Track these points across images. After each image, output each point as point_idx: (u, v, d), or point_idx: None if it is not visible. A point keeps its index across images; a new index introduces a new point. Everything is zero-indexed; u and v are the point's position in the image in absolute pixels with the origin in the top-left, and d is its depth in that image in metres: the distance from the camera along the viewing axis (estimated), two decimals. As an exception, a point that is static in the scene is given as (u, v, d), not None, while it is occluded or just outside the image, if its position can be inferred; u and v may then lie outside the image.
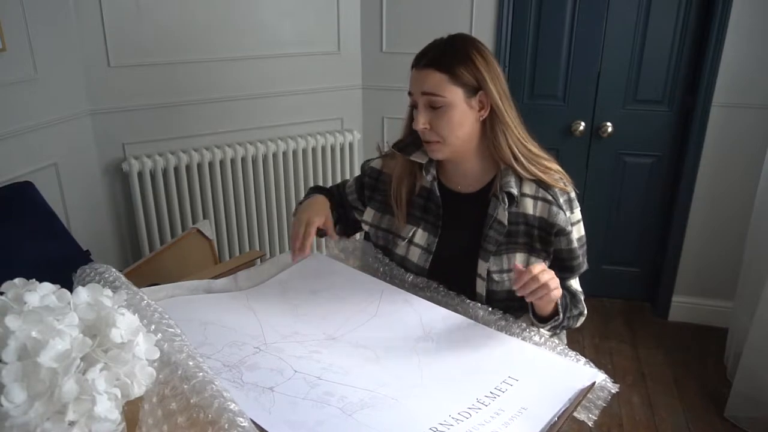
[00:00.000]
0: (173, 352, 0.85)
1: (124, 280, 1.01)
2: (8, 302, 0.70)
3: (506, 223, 1.18)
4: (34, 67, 1.88)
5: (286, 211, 2.59)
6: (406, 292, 1.20)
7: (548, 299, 1.07)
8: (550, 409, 0.90)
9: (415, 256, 1.26)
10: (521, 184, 1.19)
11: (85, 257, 1.77)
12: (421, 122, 1.16)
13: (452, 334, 1.07)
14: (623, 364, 2.45)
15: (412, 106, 1.21)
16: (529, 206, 1.19)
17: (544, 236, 1.19)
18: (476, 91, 1.15)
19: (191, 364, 0.83)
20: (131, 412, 0.76)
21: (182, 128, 2.33)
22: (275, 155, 2.49)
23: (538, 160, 1.20)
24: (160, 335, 0.85)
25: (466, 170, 1.25)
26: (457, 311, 1.14)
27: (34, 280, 0.74)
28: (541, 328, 1.16)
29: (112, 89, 2.14)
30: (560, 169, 1.24)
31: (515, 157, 1.18)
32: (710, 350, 2.54)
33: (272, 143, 2.47)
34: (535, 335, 1.08)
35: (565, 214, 1.18)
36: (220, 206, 2.41)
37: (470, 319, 1.12)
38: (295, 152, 2.53)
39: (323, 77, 2.62)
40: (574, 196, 1.22)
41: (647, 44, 2.47)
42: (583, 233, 1.24)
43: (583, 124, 2.61)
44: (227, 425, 0.74)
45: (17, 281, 0.73)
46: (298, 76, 2.54)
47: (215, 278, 1.26)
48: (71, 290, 0.75)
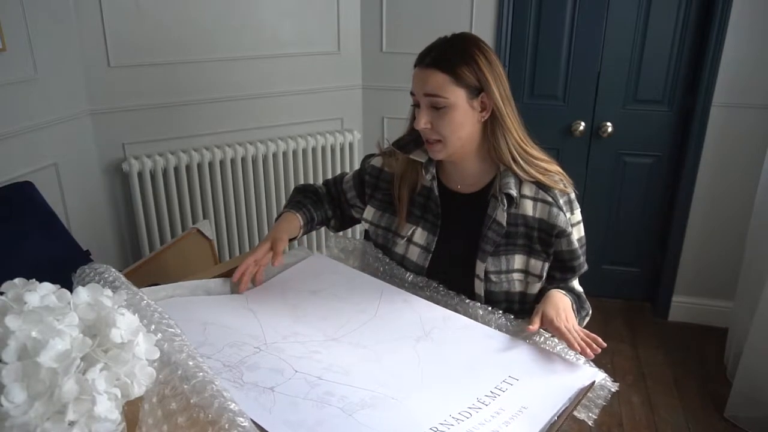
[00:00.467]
0: (173, 352, 0.85)
1: (124, 280, 1.00)
2: (8, 302, 0.69)
3: (505, 224, 1.17)
4: (34, 67, 1.88)
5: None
6: (406, 292, 1.20)
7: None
8: (550, 408, 0.90)
9: (414, 255, 1.26)
10: (521, 185, 1.19)
11: (85, 257, 1.77)
12: (422, 122, 1.16)
13: (452, 333, 1.08)
14: (623, 364, 2.45)
15: (413, 104, 1.21)
16: (528, 208, 1.19)
17: (544, 238, 1.19)
18: (478, 92, 1.15)
19: (191, 364, 0.82)
20: (131, 412, 0.76)
21: (182, 128, 2.33)
22: (275, 155, 2.49)
23: (537, 163, 1.20)
24: (160, 335, 0.85)
25: (465, 171, 1.24)
26: (456, 311, 1.14)
27: (34, 280, 0.74)
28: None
29: (112, 89, 2.14)
30: (560, 170, 1.23)
31: (514, 159, 1.18)
32: (710, 350, 2.54)
33: (272, 143, 2.47)
34: (535, 335, 1.08)
35: (565, 215, 1.18)
36: (220, 206, 2.42)
37: (473, 316, 1.12)
38: (295, 152, 2.53)
39: (323, 77, 2.62)
40: (574, 197, 1.22)
41: (647, 44, 2.47)
42: (583, 234, 1.24)
43: (583, 124, 2.61)
44: (227, 425, 0.74)
45: (17, 281, 0.73)
46: (298, 76, 2.54)
47: (215, 278, 1.26)
48: (71, 290, 0.75)
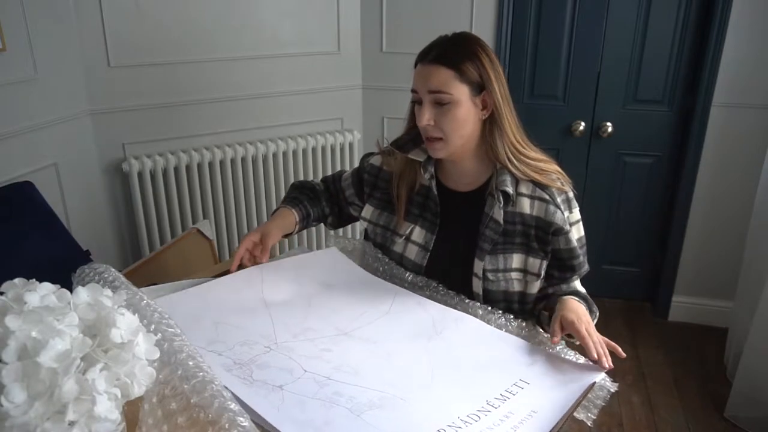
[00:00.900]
0: (173, 352, 0.85)
1: (123, 280, 1.01)
2: (8, 302, 0.69)
3: (502, 222, 1.18)
4: (34, 67, 1.88)
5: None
6: (419, 296, 1.20)
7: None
8: (558, 412, 0.90)
9: (412, 253, 1.27)
10: (518, 184, 1.19)
11: (85, 257, 1.77)
12: (425, 118, 1.15)
13: (463, 336, 1.07)
14: (623, 364, 2.45)
15: (414, 102, 1.20)
16: (525, 206, 1.19)
17: (541, 236, 1.19)
18: (480, 90, 1.15)
19: (191, 364, 0.82)
20: (131, 412, 0.76)
21: (182, 128, 2.33)
22: (275, 155, 2.49)
23: (533, 163, 1.19)
24: (159, 335, 0.85)
25: (463, 169, 1.25)
26: (455, 306, 1.15)
27: (34, 280, 0.74)
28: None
29: (112, 89, 2.14)
30: (559, 169, 1.23)
31: (509, 158, 1.18)
32: (710, 350, 2.54)
33: (272, 143, 2.47)
34: (534, 335, 1.08)
35: (562, 213, 1.18)
36: (220, 206, 2.42)
37: (473, 315, 1.12)
38: (295, 152, 2.53)
39: (323, 77, 2.62)
40: (572, 196, 1.22)
41: (647, 44, 2.47)
42: (582, 234, 1.24)
43: (583, 124, 2.61)
44: (227, 425, 0.74)
45: (17, 281, 0.73)
46: (298, 76, 2.54)
47: (215, 278, 1.25)
48: (71, 290, 0.75)
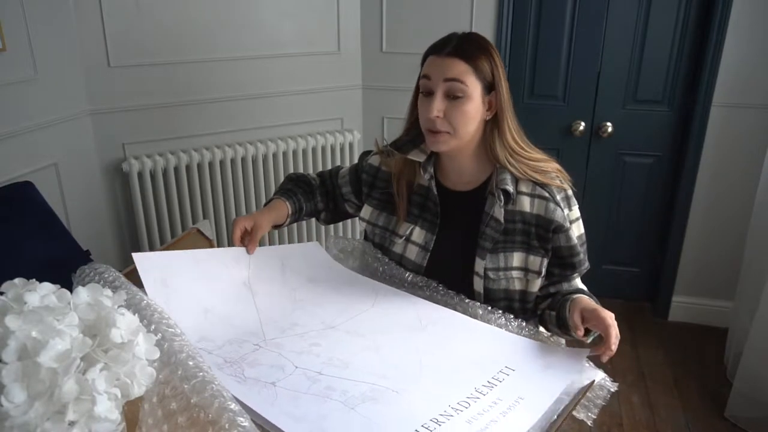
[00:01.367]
0: (173, 352, 0.85)
1: (123, 280, 1.01)
2: (8, 302, 0.70)
3: (502, 220, 1.18)
4: (34, 67, 1.88)
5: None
6: (402, 291, 1.21)
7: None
8: (546, 398, 0.92)
9: (412, 254, 1.27)
10: (517, 182, 1.19)
11: (85, 257, 1.77)
12: (435, 109, 1.14)
13: (449, 327, 1.09)
14: (623, 364, 2.45)
15: (424, 92, 1.17)
16: (526, 204, 1.19)
17: (542, 234, 1.19)
18: (490, 90, 1.16)
19: (191, 364, 0.82)
20: (131, 412, 0.76)
21: (182, 128, 2.33)
22: (275, 155, 2.49)
23: (532, 162, 1.20)
24: (160, 335, 0.85)
25: (462, 168, 1.24)
26: (456, 310, 1.14)
27: (34, 280, 0.74)
28: (565, 338, 1.16)
29: (112, 89, 2.14)
30: (558, 167, 1.23)
31: (508, 160, 1.18)
32: (710, 350, 2.54)
33: (272, 143, 2.47)
34: (535, 334, 1.08)
35: (562, 211, 1.18)
36: (220, 206, 2.42)
37: (473, 315, 1.12)
38: (295, 152, 2.53)
39: (323, 77, 2.62)
40: (571, 193, 1.22)
41: (647, 44, 2.47)
42: (582, 231, 1.24)
43: (583, 124, 2.61)
44: (227, 425, 0.74)
45: (17, 281, 0.73)
46: (298, 76, 2.54)
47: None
48: (71, 290, 0.75)
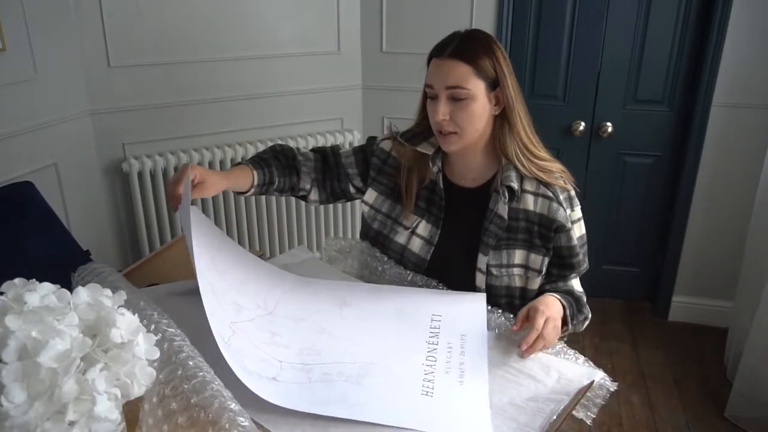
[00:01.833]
0: (173, 352, 0.85)
1: (123, 280, 1.01)
2: (8, 302, 0.70)
3: (506, 217, 1.19)
4: (34, 67, 1.88)
5: (285, 211, 2.59)
6: (328, 281, 1.25)
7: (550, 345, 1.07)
8: (480, 327, 1.08)
9: (416, 246, 1.27)
10: (522, 180, 1.20)
11: (85, 257, 1.77)
12: (441, 113, 1.15)
13: (365, 297, 1.17)
14: (623, 364, 2.45)
15: (429, 97, 1.19)
16: (529, 202, 1.20)
17: (544, 233, 1.19)
18: (495, 86, 1.16)
19: (191, 364, 0.82)
20: (131, 412, 0.76)
21: (182, 128, 2.33)
22: (275, 155, 2.48)
23: (540, 162, 1.21)
24: (160, 335, 0.85)
25: (470, 165, 1.25)
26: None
27: (34, 280, 0.74)
28: None
29: (112, 89, 2.14)
30: (562, 168, 1.24)
31: (517, 155, 1.19)
32: (710, 350, 2.54)
33: (272, 143, 2.46)
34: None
35: (565, 211, 1.19)
36: (220, 206, 2.42)
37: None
38: (295, 152, 2.53)
39: (323, 77, 2.62)
40: (574, 194, 1.23)
41: (647, 44, 2.47)
42: (584, 232, 1.24)
43: (583, 124, 2.61)
44: (228, 425, 0.74)
45: (17, 281, 0.73)
46: (298, 76, 2.54)
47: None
48: (71, 290, 0.75)
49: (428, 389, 0.93)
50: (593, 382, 0.96)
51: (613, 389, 0.97)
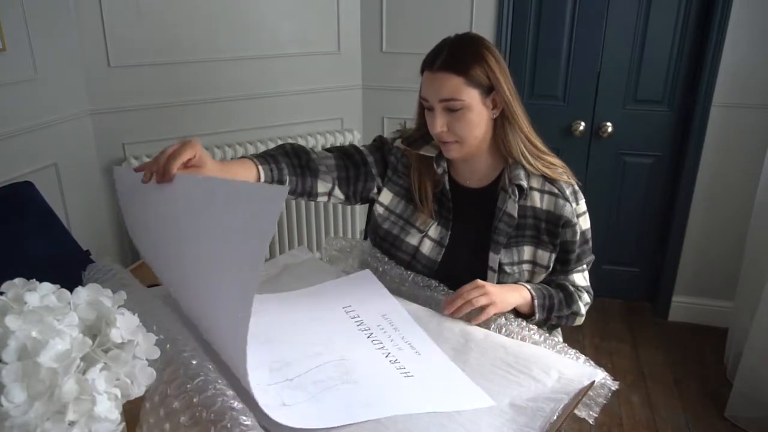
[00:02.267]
0: (176, 351, 0.85)
1: (133, 278, 1.01)
2: (8, 302, 0.69)
3: (516, 215, 1.20)
4: (34, 67, 1.87)
5: (285, 211, 2.59)
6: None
7: (486, 313, 1.09)
8: (389, 300, 1.13)
9: (427, 248, 1.27)
10: (529, 178, 1.22)
11: (85, 257, 1.77)
12: (438, 125, 1.16)
13: (278, 309, 1.12)
14: (623, 364, 2.45)
15: (426, 108, 1.20)
16: (537, 199, 1.22)
17: (551, 229, 1.21)
18: (490, 90, 1.16)
19: (194, 363, 0.82)
20: (131, 412, 0.76)
21: (182, 128, 2.33)
22: (275, 155, 2.48)
23: (544, 157, 1.22)
24: (160, 335, 0.85)
25: (475, 167, 1.26)
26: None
27: (34, 280, 0.74)
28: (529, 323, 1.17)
29: (112, 89, 2.14)
30: (563, 163, 1.26)
31: (523, 153, 1.20)
32: (710, 350, 2.54)
33: (272, 143, 2.46)
34: (534, 333, 1.09)
35: (571, 206, 1.21)
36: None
37: (467, 318, 1.13)
38: (295, 152, 2.53)
39: (323, 77, 2.62)
40: (577, 188, 1.25)
41: (647, 44, 2.47)
42: (589, 225, 1.27)
43: (583, 124, 2.61)
44: (230, 424, 0.74)
45: (17, 281, 0.73)
46: (298, 76, 2.54)
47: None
48: (71, 290, 0.75)
49: (404, 371, 0.95)
50: (594, 382, 0.96)
51: (614, 388, 0.97)
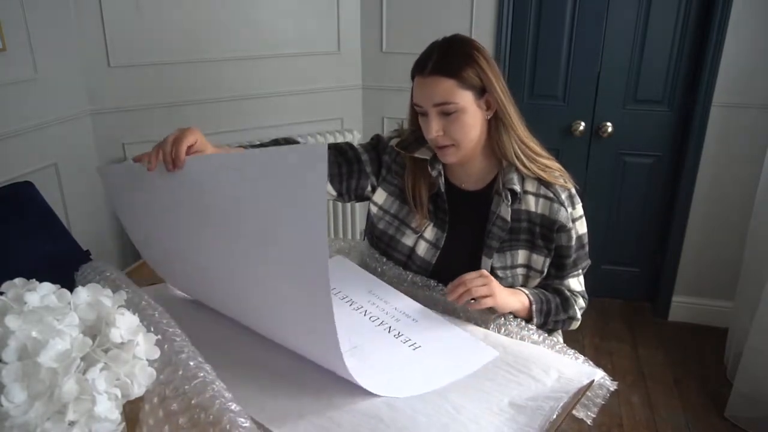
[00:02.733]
0: (174, 352, 0.85)
1: (126, 279, 1.01)
2: (8, 302, 0.70)
3: (509, 219, 1.19)
4: (34, 67, 1.88)
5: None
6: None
7: (482, 303, 1.09)
8: (369, 277, 1.17)
9: (422, 250, 1.27)
10: (523, 181, 1.21)
11: (85, 257, 1.77)
12: (434, 130, 1.15)
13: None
14: (623, 364, 2.45)
15: (419, 113, 1.19)
16: (531, 203, 1.20)
17: (545, 233, 1.20)
18: (483, 92, 1.15)
19: (192, 364, 0.82)
20: (131, 412, 0.76)
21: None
22: (275, 155, 2.48)
23: (539, 159, 1.21)
24: (160, 335, 0.85)
25: (470, 169, 1.25)
26: (455, 310, 1.15)
27: (34, 280, 0.74)
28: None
29: (112, 89, 2.14)
30: (560, 167, 1.24)
31: (517, 156, 1.19)
32: (710, 350, 2.54)
33: (272, 143, 2.47)
34: (533, 333, 1.09)
35: (566, 210, 1.19)
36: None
37: (467, 318, 1.13)
38: (295, 152, 2.52)
39: (323, 77, 2.62)
40: (574, 192, 1.24)
41: (647, 44, 2.47)
42: (585, 230, 1.25)
43: (583, 124, 2.61)
44: (228, 426, 0.74)
45: (17, 281, 0.73)
46: (298, 76, 2.54)
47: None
48: (71, 290, 0.75)
49: (411, 342, 0.99)
50: (593, 381, 0.96)
51: (612, 389, 0.97)
